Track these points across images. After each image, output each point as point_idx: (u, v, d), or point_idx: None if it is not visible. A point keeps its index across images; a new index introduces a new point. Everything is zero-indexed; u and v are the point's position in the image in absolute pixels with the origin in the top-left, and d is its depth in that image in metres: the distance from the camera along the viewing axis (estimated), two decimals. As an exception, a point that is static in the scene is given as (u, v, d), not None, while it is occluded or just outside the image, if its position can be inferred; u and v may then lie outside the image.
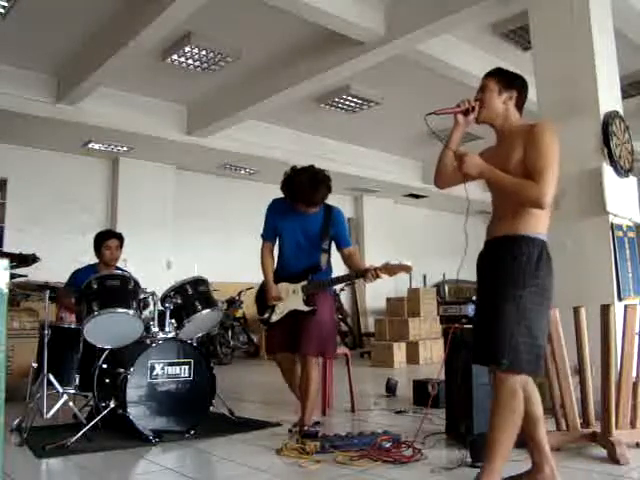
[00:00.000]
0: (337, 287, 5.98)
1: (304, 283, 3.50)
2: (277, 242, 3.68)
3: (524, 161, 2.20)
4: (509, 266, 2.20)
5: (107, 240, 4.35)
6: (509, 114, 2.36)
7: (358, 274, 3.40)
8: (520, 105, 2.39)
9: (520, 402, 2.13)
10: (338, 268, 3.77)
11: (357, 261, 3.57)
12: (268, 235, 3.64)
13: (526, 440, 2.25)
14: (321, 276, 3.54)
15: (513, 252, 2.21)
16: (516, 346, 2.11)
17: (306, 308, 3.47)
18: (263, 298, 3.61)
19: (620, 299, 3.64)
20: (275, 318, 3.56)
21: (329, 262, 3.61)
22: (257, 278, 3.73)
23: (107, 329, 3.50)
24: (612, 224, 3.74)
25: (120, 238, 4.43)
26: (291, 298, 3.51)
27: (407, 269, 3.26)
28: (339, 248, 3.61)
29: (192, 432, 3.38)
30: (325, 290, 3.56)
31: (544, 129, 2.21)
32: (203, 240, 9.30)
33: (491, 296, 2.25)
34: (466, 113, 2.40)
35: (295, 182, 3.42)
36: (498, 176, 2.21)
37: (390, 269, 3.27)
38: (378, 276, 3.29)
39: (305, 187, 3.37)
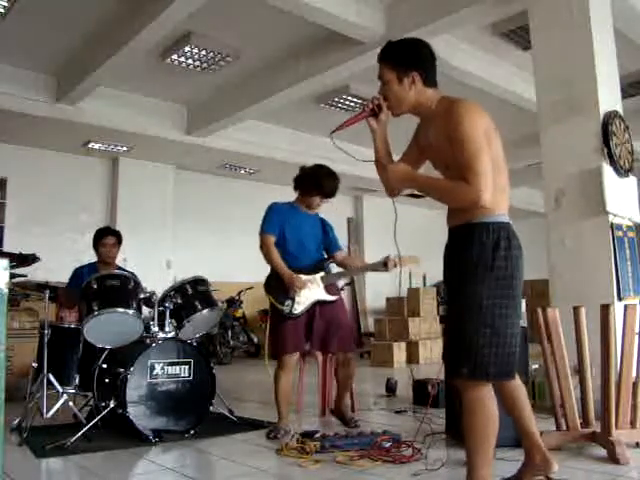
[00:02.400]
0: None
1: (322, 274, 3.51)
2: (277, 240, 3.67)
3: (452, 151, 1.93)
4: (462, 259, 1.96)
5: (104, 238, 4.33)
6: (420, 97, 2.06)
7: (382, 263, 3.47)
8: (430, 79, 2.08)
9: (489, 407, 1.93)
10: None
11: (358, 259, 3.67)
12: (274, 229, 3.57)
13: (519, 434, 2.21)
14: (328, 269, 3.62)
15: (465, 244, 1.97)
16: (478, 351, 1.88)
17: (330, 297, 3.49)
18: (279, 289, 3.52)
19: (620, 299, 3.64)
20: (300, 309, 3.46)
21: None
22: (257, 278, 3.74)
23: (107, 329, 3.50)
24: (612, 224, 3.74)
25: (117, 236, 4.40)
26: (312, 289, 3.49)
27: (415, 261, 3.46)
28: (332, 252, 3.69)
29: (192, 432, 3.38)
30: (336, 285, 3.63)
31: (462, 113, 1.92)
32: (203, 240, 9.30)
33: (450, 295, 2.04)
34: (374, 114, 2.18)
35: (319, 175, 3.54)
36: (426, 185, 2.00)
37: (405, 260, 3.40)
38: (396, 265, 3.45)
39: (330, 180, 3.54)
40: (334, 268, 3.76)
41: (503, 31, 5.72)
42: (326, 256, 3.71)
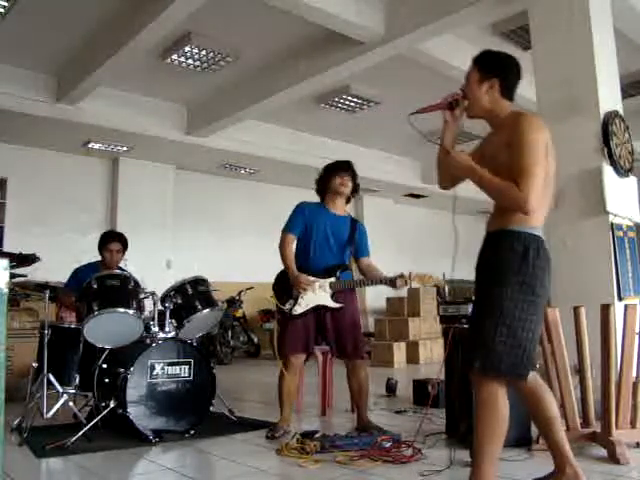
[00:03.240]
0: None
1: (332, 280, 3.49)
2: (298, 240, 3.63)
3: (509, 158, 2.04)
4: (492, 263, 2.10)
5: (109, 243, 4.29)
6: (494, 105, 2.18)
7: (390, 279, 3.43)
8: (508, 92, 2.19)
9: (500, 406, 2.02)
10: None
11: (377, 269, 3.65)
12: (295, 230, 3.54)
13: (547, 445, 2.18)
14: (347, 276, 3.57)
15: (497, 248, 2.10)
16: (493, 347, 1.98)
17: (334, 305, 3.46)
18: (285, 286, 3.49)
19: (620, 299, 3.64)
20: (299, 310, 3.43)
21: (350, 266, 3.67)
22: (257, 278, 3.74)
23: (107, 329, 3.50)
24: (612, 224, 3.74)
25: (124, 242, 4.36)
26: (318, 293, 3.45)
27: (428, 280, 3.50)
28: (358, 257, 3.69)
29: (192, 432, 3.38)
30: (352, 290, 3.59)
31: (527, 124, 2.04)
32: (203, 240, 9.31)
33: (477, 295, 2.16)
34: (451, 107, 2.27)
35: (332, 163, 3.67)
36: (483, 180, 2.07)
37: (422, 277, 3.50)
38: (406, 284, 3.43)
39: (337, 161, 3.66)
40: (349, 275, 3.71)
41: (503, 31, 5.72)
42: (352, 259, 3.69)
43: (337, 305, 3.47)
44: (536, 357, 2.11)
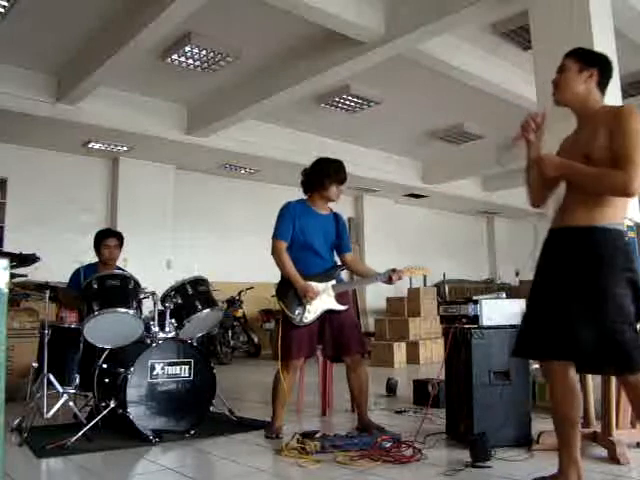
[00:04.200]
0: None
1: (333, 282, 3.49)
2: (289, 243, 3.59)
3: (609, 146, 2.06)
4: (595, 260, 2.07)
5: (106, 239, 4.32)
6: (590, 95, 2.23)
7: (385, 276, 3.50)
8: (602, 86, 2.25)
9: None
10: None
11: (363, 265, 3.72)
12: (286, 236, 3.48)
13: (558, 443, 2.20)
14: (340, 276, 3.59)
15: (594, 244, 2.09)
16: (630, 345, 2.00)
17: (341, 307, 3.47)
18: (291, 295, 3.43)
19: (620, 299, 3.63)
20: (310, 318, 3.40)
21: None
22: (257, 278, 3.73)
23: (107, 329, 3.50)
24: (612, 224, 3.73)
25: (119, 237, 4.39)
26: (323, 298, 3.45)
27: (425, 271, 3.57)
28: (341, 252, 3.66)
29: (192, 432, 3.38)
30: (347, 290, 3.62)
31: (631, 112, 2.07)
32: (203, 240, 9.31)
33: (575, 294, 2.09)
34: (535, 130, 2.33)
35: (325, 164, 3.55)
36: (580, 171, 2.10)
37: (412, 270, 3.57)
38: (400, 278, 3.51)
39: (336, 164, 3.54)
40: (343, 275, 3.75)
41: (503, 31, 5.72)
42: (336, 255, 3.67)
43: (343, 307, 3.49)
44: None
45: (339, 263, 3.65)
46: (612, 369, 2.09)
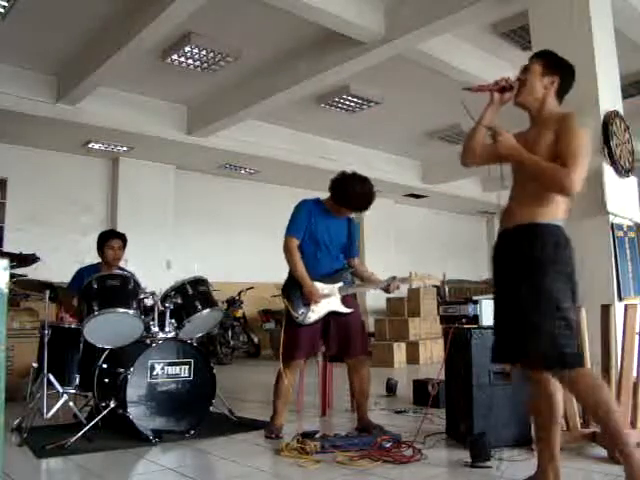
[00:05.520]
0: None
1: (340, 285, 3.50)
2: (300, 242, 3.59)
3: (554, 146, 2.12)
4: (532, 256, 2.11)
5: (110, 240, 4.33)
6: (547, 100, 2.26)
7: (384, 285, 3.54)
8: (561, 93, 2.29)
9: (602, 388, 2.03)
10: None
11: (367, 270, 3.72)
12: (299, 232, 3.47)
13: (537, 441, 2.20)
14: (348, 279, 3.60)
15: (533, 240, 2.12)
16: (568, 342, 2.02)
17: (345, 309, 3.48)
18: (296, 293, 3.45)
19: (620, 299, 3.63)
20: (313, 318, 3.42)
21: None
22: (257, 278, 3.73)
23: (107, 329, 3.50)
24: (612, 224, 3.73)
25: (123, 239, 4.41)
26: (329, 299, 3.46)
27: (436, 281, 3.57)
28: (349, 256, 3.67)
29: (192, 432, 3.38)
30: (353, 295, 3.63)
31: (579, 125, 2.14)
32: (203, 240, 9.31)
33: (514, 289, 2.14)
34: (502, 91, 2.33)
35: (352, 189, 3.47)
36: (528, 158, 2.13)
37: (423, 278, 3.54)
38: (398, 287, 3.52)
39: (361, 196, 3.50)
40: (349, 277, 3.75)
41: (503, 31, 5.72)
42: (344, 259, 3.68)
43: (348, 310, 3.49)
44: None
45: (346, 266, 3.65)
46: (543, 365, 2.08)
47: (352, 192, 3.46)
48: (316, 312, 3.42)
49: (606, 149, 3.80)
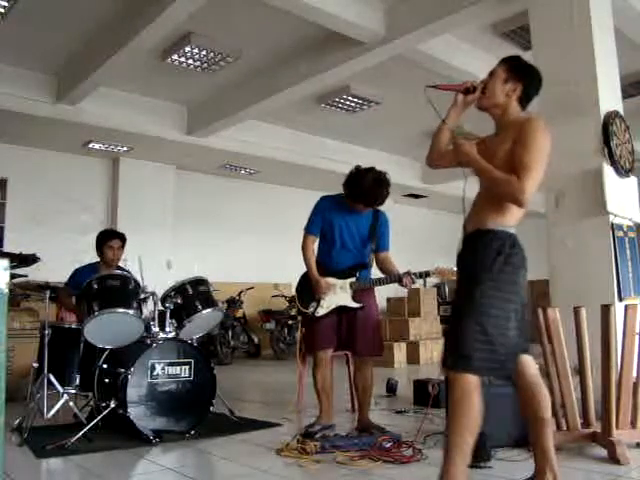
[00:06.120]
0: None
1: (352, 280, 3.51)
2: (320, 236, 3.64)
3: (511, 154, 2.09)
4: (469, 262, 2.14)
5: (110, 240, 4.34)
6: (509, 107, 2.23)
7: (397, 277, 3.46)
8: (525, 101, 2.26)
9: (474, 405, 1.98)
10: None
11: (392, 265, 3.61)
12: (315, 230, 3.57)
13: (531, 444, 2.18)
14: (365, 274, 3.58)
15: (473, 247, 2.13)
16: (469, 344, 1.97)
17: (355, 305, 3.48)
18: (308, 290, 3.53)
19: (620, 299, 3.63)
20: (322, 312, 3.48)
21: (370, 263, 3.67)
22: (257, 278, 3.74)
23: (107, 329, 3.50)
24: (612, 224, 3.74)
25: (123, 239, 4.42)
26: (339, 294, 3.49)
27: (451, 274, 3.38)
28: (377, 250, 3.63)
29: (192, 432, 3.38)
30: (371, 288, 3.60)
31: (536, 127, 2.10)
32: (203, 240, 9.30)
33: (455, 294, 2.19)
34: (466, 92, 2.32)
35: (361, 183, 3.42)
36: (483, 167, 2.12)
37: (443, 271, 3.44)
38: (414, 281, 3.44)
39: (371, 189, 3.41)
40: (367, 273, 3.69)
41: (503, 31, 5.72)
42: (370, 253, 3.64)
43: (358, 305, 3.49)
44: (514, 355, 2.07)
45: (367, 261, 3.60)
46: (442, 363, 2.06)
47: (361, 187, 3.43)
48: (325, 307, 3.48)
49: (606, 149, 3.80)
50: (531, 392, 2.14)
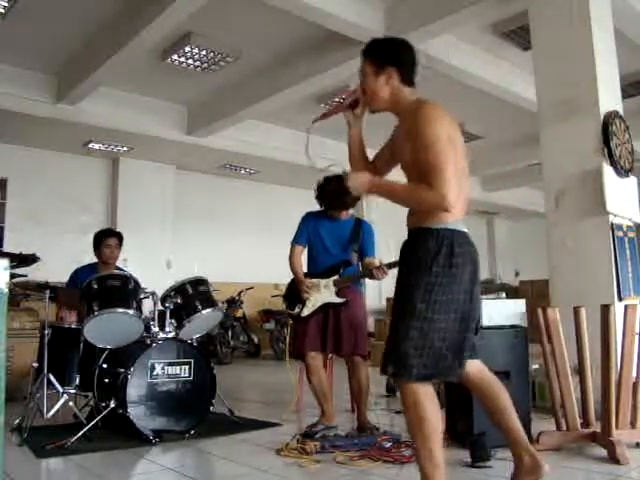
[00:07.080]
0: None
1: (335, 277, 3.58)
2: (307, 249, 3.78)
3: (416, 154, 1.93)
4: (407, 262, 2.01)
5: (107, 239, 4.34)
6: (397, 95, 2.06)
7: (366, 272, 3.55)
8: (407, 78, 2.06)
9: (426, 412, 1.87)
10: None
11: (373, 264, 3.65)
12: (301, 241, 3.72)
13: (503, 436, 2.14)
14: (350, 271, 3.64)
15: (412, 246, 2.00)
16: (406, 352, 1.86)
17: (338, 300, 3.54)
18: (294, 293, 3.66)
19: (620, 299, 3.64)
20: (307, 312, 3.56)
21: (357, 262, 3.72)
22: (257, 278, 3.75)
23: (107, 329, 3.50)
24: (612, 224, 3.74)
25: (119, 237, 4.42)
26: (322, 292, 3.57)
27: None
28: (362, 257, 3.69)
29: (192, 432, 3.38)
30: (356, 287, 3.69)
31: (426, 117, 1.92)
32: (203, 240, 9.30)
33: (395, 294, 2.03)
34: (352, 107, 2.19)
35: (326, 189, 3.63)
36: (391, 192, 1.99)
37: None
38: (385, 272, 3.44)
39: (334, 194, 3.54)
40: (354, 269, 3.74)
41: (503, 31, 5.72)
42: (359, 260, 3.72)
43: (341, 300, 3.53)
44: (460, 357, 1.94)
45: (351, 259, 3.66)
46: (381, 369, 1.94)
47: (327, 192, 3.63)
48: (310, 306, 3.56)
49: (606, 149, 3.81)
50: (482, 387, 2.11)
